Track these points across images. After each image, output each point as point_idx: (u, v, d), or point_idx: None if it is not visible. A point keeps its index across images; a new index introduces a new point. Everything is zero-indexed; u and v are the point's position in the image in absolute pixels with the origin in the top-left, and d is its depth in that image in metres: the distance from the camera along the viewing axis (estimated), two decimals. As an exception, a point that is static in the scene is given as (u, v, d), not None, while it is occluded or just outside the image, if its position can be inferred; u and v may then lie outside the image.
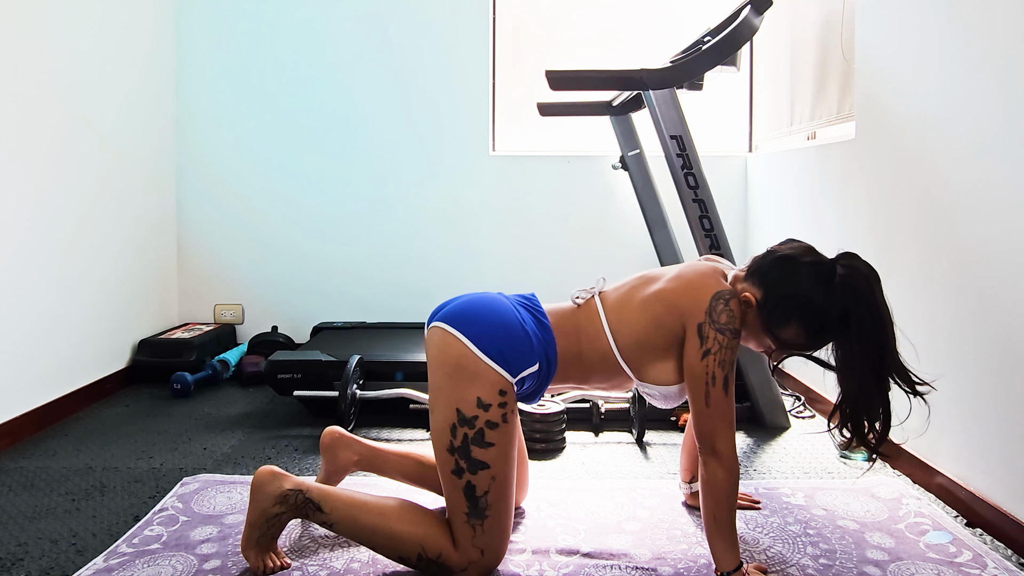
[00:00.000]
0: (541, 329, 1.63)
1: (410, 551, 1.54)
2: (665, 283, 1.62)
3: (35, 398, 2.60)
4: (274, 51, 3.64)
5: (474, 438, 1.52)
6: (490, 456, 1.52)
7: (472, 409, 1.52)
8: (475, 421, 1.52)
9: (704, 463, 1.54)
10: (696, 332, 1.53)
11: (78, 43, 2.85)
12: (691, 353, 1.54)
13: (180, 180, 3.67)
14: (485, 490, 1.53)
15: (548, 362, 1.62)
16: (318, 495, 1.58)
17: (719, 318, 1.52)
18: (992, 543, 1.78)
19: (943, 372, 2.03)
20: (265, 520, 1.58)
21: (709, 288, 1.55)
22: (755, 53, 3.66)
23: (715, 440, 1.52)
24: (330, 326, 3.43)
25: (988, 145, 1.83)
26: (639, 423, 2.49)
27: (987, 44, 1.84)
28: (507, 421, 1.55)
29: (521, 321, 1.62)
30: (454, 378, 1.54)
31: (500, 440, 1.53)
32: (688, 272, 1.62)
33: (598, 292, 1.70)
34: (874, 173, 2.38)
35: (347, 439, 1.89)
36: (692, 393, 1.55)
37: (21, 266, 2.54)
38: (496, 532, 1.55)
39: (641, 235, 3.50)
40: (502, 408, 1.54)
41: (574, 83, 2.54)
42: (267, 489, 1.58)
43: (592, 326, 1.64)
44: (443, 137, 3.67)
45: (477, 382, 1.53)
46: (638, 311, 1.62)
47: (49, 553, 1.73)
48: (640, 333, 1.60)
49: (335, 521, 1.57)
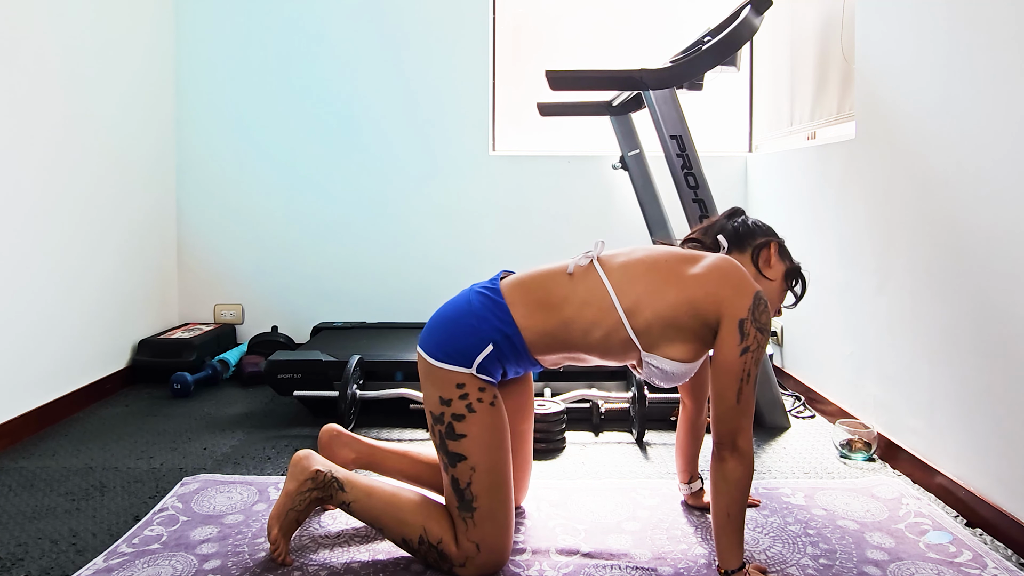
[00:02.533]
0: (492, 307, 1.62)
1: (412, 533, 1.61)
2: (703, 268, 1.60)
3: (35, 398, 2.60)
4: (274, 50, 3.64)
5: (446, 432, 1.60)
6: (464, 447, 1.58)
7: (438, 407, 1.61)
8: (443, 417, 1.60)
9: (722, 459, 1.54)
10: (737, 327, 1.54)
11: (77, 40, 2.85)
12: (729, 348, 1.54)
13: (180, 179, 3.67)
14: (467, 481, 1.58)
15: (506, 336, 1.60)
16: (343, 477, 1.70)
17: (761, 317, 1.55)
18: (992, 543, 1.78)
19: (943, 372, 2.03)
20: (299, 493, 1.68)
21: (751, 285, 1.58)
22: (755, 53, 3.66)
23: (738, 437, 1.53)
24: (330, 326, 3.43)
25: (988, 145, 1.83)
26: (639, 423, 2.49)
27: (987, 44, 1.84)
28: (473, 410, 1.58)
29: (469, 310, 1.63)
30: (424, 386, 1.65)
31: (471, 430, 1.58)
32: (726, 265, 1.61)
33: (596, 257, 1.68)
34: (874, 173, 2.38)
35: (345, 437, 1.94)
36: (724, 389, 1.54)
37: (21, 266, 2.54)
38: (488, 525, 1.57)
39: (641, 235, 3.50)
40: (463, 400, 1.59)
41: (574, 83, 2.54)
42: (303, 463, 1.72)
43: (594, 295, 1.61)
44: (443, 137, 3.67)
45: (436, 384, 1.62)
46: (664, 282, 1.60)
47: (49, 553, 1.73)
48: (668, 311, 1.58)
49: (352, 500, 1.66)
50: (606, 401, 2.61)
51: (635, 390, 2.51)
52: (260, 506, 1.95)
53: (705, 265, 1.62)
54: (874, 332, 2.39)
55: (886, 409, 2.32)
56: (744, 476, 1.53)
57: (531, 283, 1.66)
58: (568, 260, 1.69)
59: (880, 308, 2.34)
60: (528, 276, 1.68)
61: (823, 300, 2.76)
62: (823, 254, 2.75)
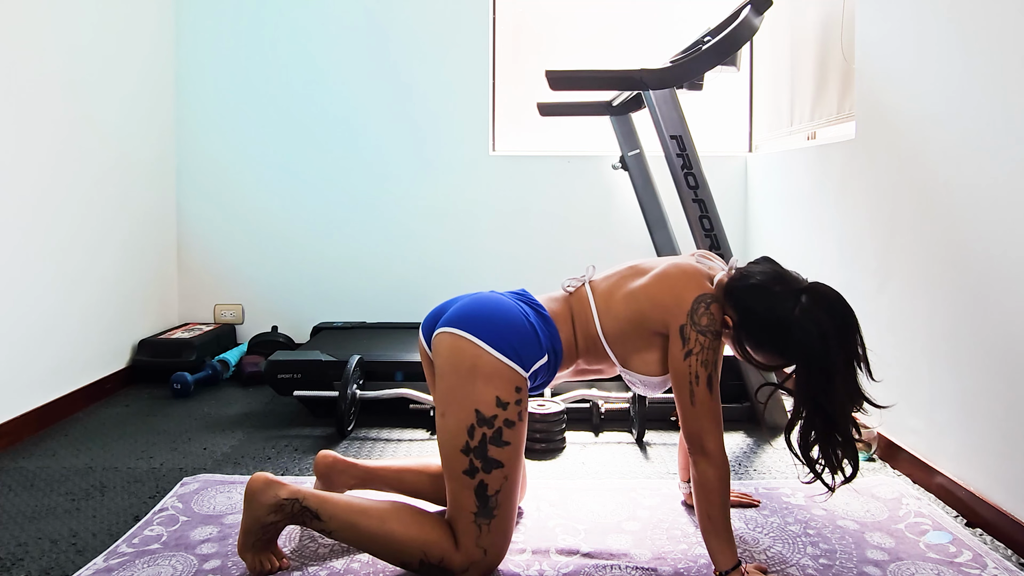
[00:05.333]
0: (544, 321, 1.66)
1: (412, 556, 1.54)
2: (650, 280, 1.64)
3: (35, 398, 2.60)
4: (275, 51, 3.64)
5: (492, 437, 1.52)
6: (505, 455, 1.53)
7: (492, 408, 1.52)
8: (494, 420, 1.52)
9: (694, 463, 1.55)
10: (679, 333, 1.56)
11: (78, 42, 2.85)
12: (675, 353, 1.57)
13: (180, 180, 3.67)
14: (497, 489, 1.53)
15: (555, 352, 1.65)
16: (315, 503, 1.56)
17: (700, 320, 1.54)
18: (992, 543, 1.78)
19: (943, 372, 2.03)
20: (260, 527, 1.57)
21: (691, 291, 1.57)
22: (755, 53, 3.66)
23: (704, 439, 1.54)
24: (330, 326, 3.43)
25: (988, 145, 1.83)
26: (639, 423, 2.49)
27: (987, 43, 1.84)
28: (522, 419, 1.57)
29: (525, 315, 1.64)
30: (471, 380, 1.54)
31: (515, 438, 1.55)
32: (673, 271, 1.63)
33: (588, 280, 1.74)
34: (874, 173, 2.38)
35: (342, 464, 1.84)
36: (678, 393, 1.57)
37: (21, 266, 2.54)
38: (501, 531, 1.56)
39: (641, 235, 3.49)
40: (518, 405, 1.56)
41: (574, 83, 2.54)
42: (261, 498, 1.56)
43: (583, 313, 1.69)
44: (443, 137, 3.67)
45: (494, 381, 1.53)
46: (624, 302, 1.65)
47: (49, 553, 1.73)
48: (624, 324, 1.64)
49: (334, 529, 1.56)
50: (606, 401, 2.62)
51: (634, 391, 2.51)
52: (260, 506, 1.95)
53: (653, 274, 1.65)
54: (874, 332, 2.39)
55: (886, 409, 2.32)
56: (716, 478, 1.52)
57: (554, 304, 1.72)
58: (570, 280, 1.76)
59: (880, 308, 2.34)
60: (551, 298, 1.74)
61: (823, 300, 2.75)
62: (823, 254, 2.75)
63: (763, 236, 3.44)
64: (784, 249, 3.15)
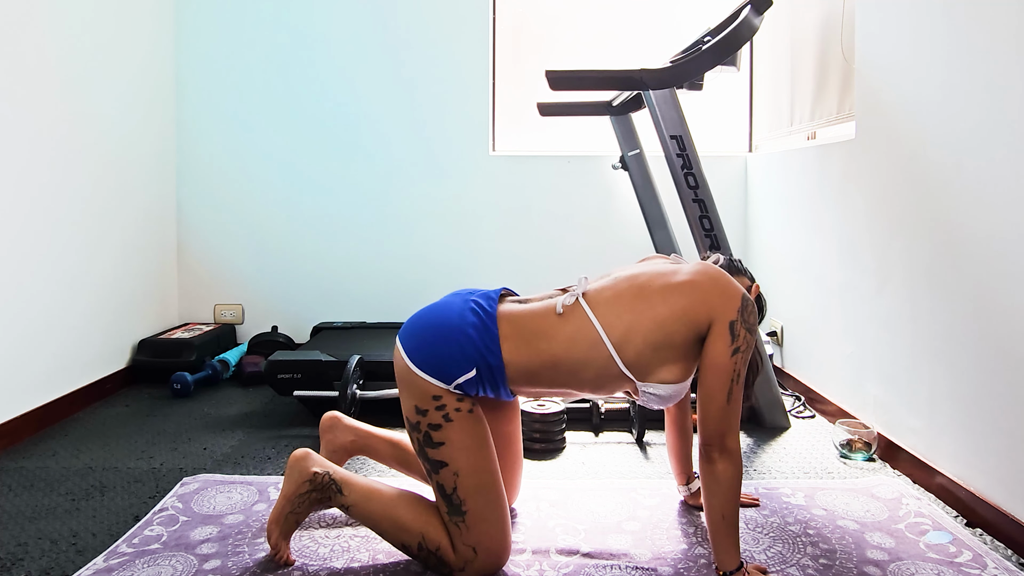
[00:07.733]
0: (484, 334, 1.58)
1: (411, 539, 1.60)
2: (689, 276, 1.60)
3: (34, 398, 2.60)
4: (275, 50, 3.64)
5: (424, 441, 1.59)
6: (444, 454, 1.57)
7: (414, 415, 1.59)
8: (419, 426, 1.59)
9: (712, 461, 1.54)
10: (728, 329, 1.55)
11: (77, 40, 2.85)
12: (720, 349, 1.55)
13: (180, 179, 3.67)
14: (452, 486, 1.57)
15: (490, 366, 1.57)
16: (340, 479, 1.68)
17: (749, 318, 1.57)
18: (992, 543, 1.78)
19: (943, 372, 2.03)
20: (297, 496, 1.67)
21: (737, 288, 1.60)
22: (755, 53, 3.66)
23: (727, 437, 1.54)
24: (330, 326, 3.43)
25: (987, 145, 1.83)
26: (639, 423, 2.49)
27: (986, 44, 1.84)
28: (450, 419, 1.57)
29: (462, 328, 1.58)
30: (401, 388, 1.63)
31: (450, 437, 1.57)
32: (710, 269, 1.63)
33: (581, 294, 1.63)
34: (874, 173, 2.38)
35: (344, 423, 2.01)
36: (714, 390, 1.54)
37: (20, 265, 2.54)
38: (482, 528, 1.56)
39: (641, 235, 3.50)
40: (440, 411, 1.57)
41: (574, 83, 2.54)
42: (301, 465, 1.70)
43: (582, 334, 1.57)
44: (443, 137, 3.67)
45: (413, 391, 1.59)
46: (652, 305, 1.57)
47: (49, 553, 1.73)
48: (658, 331, 1.56)
49: (351, 503, 1.65)
50: (606, 401, 2.62)
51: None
52: (260, 506, 1.95)
53: (691, 272, 1.62)
54: (874, 332, 2.39)
55: (886, 409, 2.32)
56: (735, 476, 1.54)
57: (521, 319, 1.61)
58: (556, 298, 1.66)
59: (880, 308, 2.34)
60: (519, 312, 1.63)
61: (823, 300, 2.76)
62: (823, 254, 2.75)
63: (763, 236, 3.44)
64: (784, 249, 3.15)
